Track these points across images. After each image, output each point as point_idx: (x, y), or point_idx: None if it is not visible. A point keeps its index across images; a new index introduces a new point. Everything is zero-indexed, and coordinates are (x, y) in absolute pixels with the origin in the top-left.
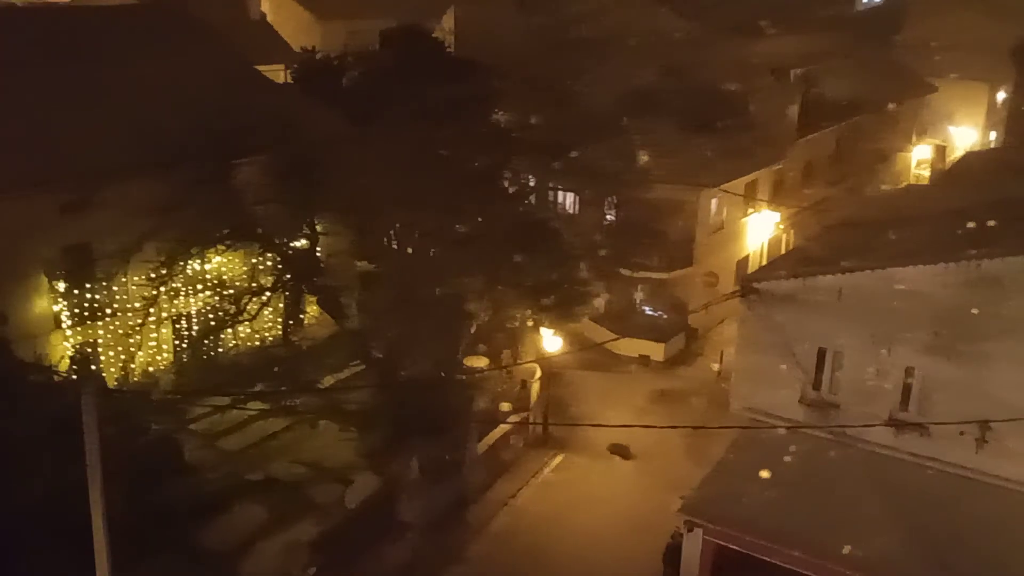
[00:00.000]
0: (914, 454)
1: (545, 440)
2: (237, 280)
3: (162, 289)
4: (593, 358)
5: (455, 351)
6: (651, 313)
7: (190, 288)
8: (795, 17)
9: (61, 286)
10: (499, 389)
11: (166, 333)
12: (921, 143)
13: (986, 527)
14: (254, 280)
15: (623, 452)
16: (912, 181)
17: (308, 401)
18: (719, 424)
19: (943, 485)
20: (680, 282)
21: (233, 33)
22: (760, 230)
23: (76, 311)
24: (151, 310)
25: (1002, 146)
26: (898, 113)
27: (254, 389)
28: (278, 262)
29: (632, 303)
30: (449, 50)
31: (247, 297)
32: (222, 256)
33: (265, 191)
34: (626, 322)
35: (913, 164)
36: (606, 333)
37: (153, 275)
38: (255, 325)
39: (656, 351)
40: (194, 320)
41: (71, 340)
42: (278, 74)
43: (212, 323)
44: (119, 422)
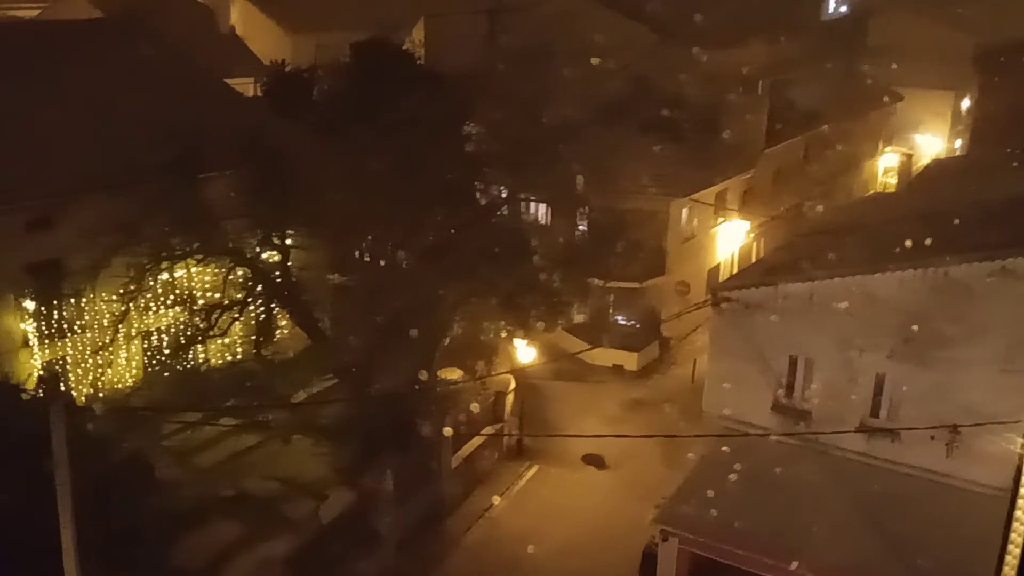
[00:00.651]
0: (886, 459)
1: (520, 451)
2: (208, 295)
3: (131, 305)
4: (567, 368)
5: (428, 363)
6: (624, 323)
7: (160, 303)
8: (762, 27)
9: (28, 303)
10: (473, 401)
11: (136, 349)
12: (888, 151)
13: (955, 530)
14: (225, 295)
15: (597, 462)
16: (880, 189)
17: (281, 416)
18: (692, 433)
19: (915, 490)
20: (653, 291)
21: (202, 47)
22: (731, 239)
23: (44, 328)
24: (120, 326)
25: (967, 153)
26: (865, 122)
27: (226, 405)
28: (249, 276)
29: (605, 313)
30: (419, 62)
31: (218, 312)
32: (192, 271)
33: (234, 205)
34: (599, 332)
35: (880, 172)
36: (580, 343)
37: (122, 291)
38: (227, 340)
39: (630, 360)
40: (164, 336)
41: (39, 357)
42: (248, 87)
43: (183, 339)
44: (88, 439)
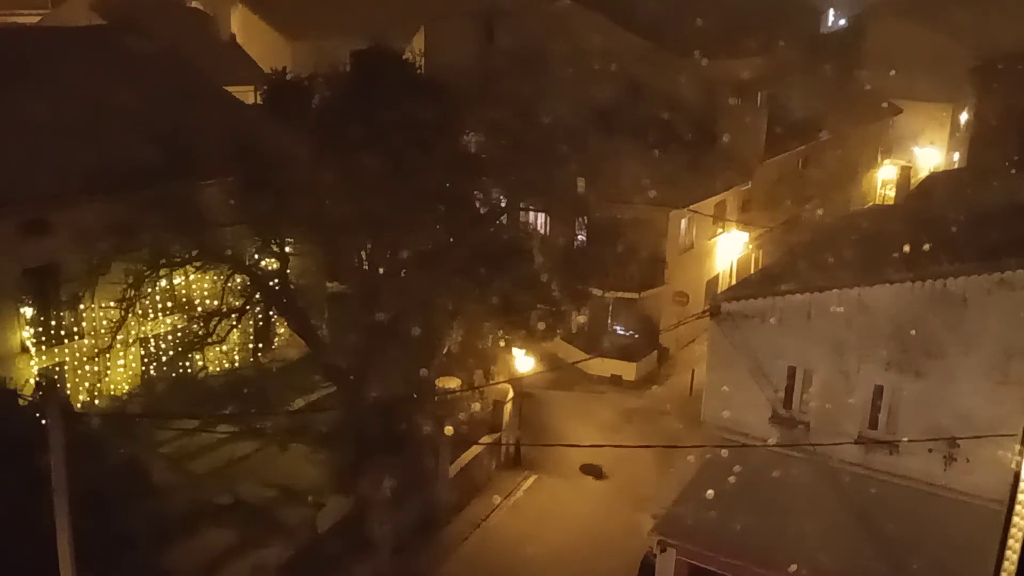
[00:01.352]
0: (884, 471)
1: (517, 461)
2: (207, 302)
3: (130, 311)
4: (565, 378)
5: (426, 371)
6: (623, 333)
7: (158, 310)
8: (761, 38)
9: (26, 308)
10: (471, 410)
11: (134, 355)
12: (887, 163)
13: (952, 540)
14: (224, 302)
15: (595, 471)
16: (878, 201)
17: (278, 423)
18: (691, 443)
19: (913, 501)
20: (651, 302)
21: (203, 53)
22: (729, 250)
23: (42, 334)
24: (118, 332)
25: (965, 167)
26: (864, 134)
27: (223, 411)
28: (248, 283)
29: (604, 323)
30: (419, 71)
31: (216, 319)
32: (191, 277)
33: (232, 212)
34: (598, 342)
35: (879, 184)
36: (578, 353)
37: (120, 297)
38: (225, 347)
39: (628, 370)
40: (163, 342)
41: (37, 363)
42: (248, 94)
43: (181, 345)
44: (84, 445)
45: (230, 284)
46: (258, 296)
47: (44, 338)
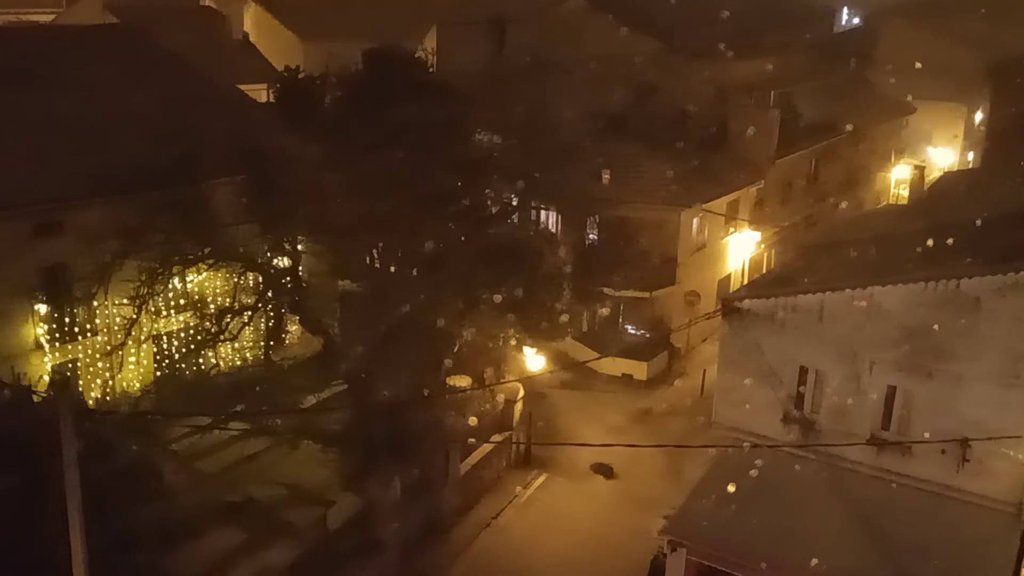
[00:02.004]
0: (895, 472)
1: (528, 460)
2: (218, 299)
3: (142, 309)
4: (576, 378)
5: (436, 371)
6: (634, 332)
7: (171, 308)
8: (774, 38)
9: (40, 307)
10: (481, 409)
11: (146, 353)
12: (900, 163)
13: (964, 545)
14: (235, 300)
15: (606, 471)
16: (892, 201)
17: (289, 422)
18: (701, 443)
19: (924, 503)
20: (662, 301)
21: (216, 53)
22: (741, 249)
23: (56, 330)
24: (131, 330)
25: (980, 167)
26: (877, 133)
27: (234, 409)
28: (260, 281)
29: (615, 322)
30: (431, 71)
31: (228, 317)
32: (203, 275)
33: (245, 210)
34: (609, 341)
35: (892, 184)
36: (589, 352)
37: (134, 295)
38: (236, 345)
39: (639, 370)
40: (175, 340)
41: (50, 360)
42: (261, 93)
43: (193, 343)
44: (95, 443)
45: (242, 282)
46: (270, 294)
47: (58, 335)
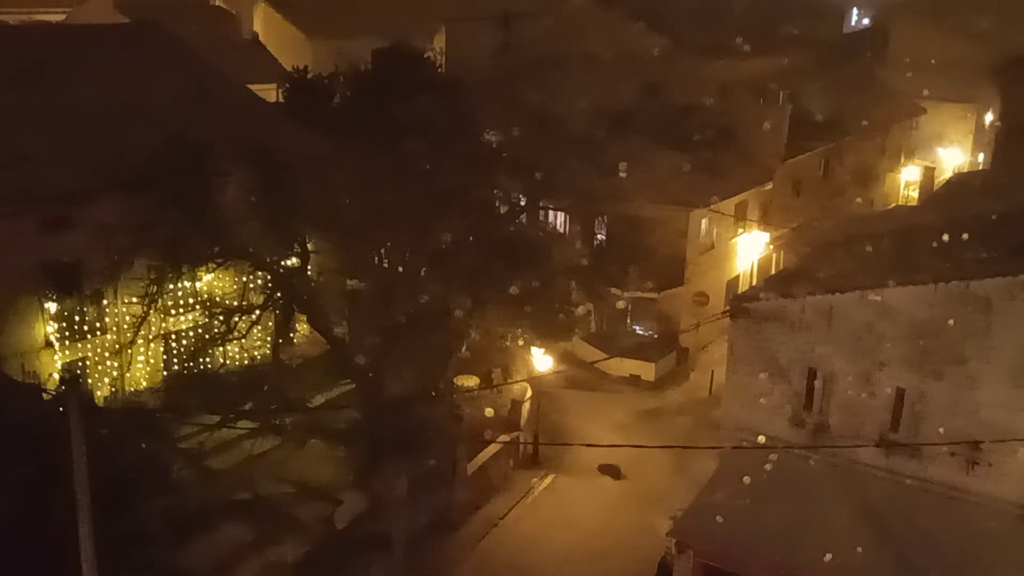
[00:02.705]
0: (905, 474)
1: (535, 460)
2: (227, 298)
3: (151, 307)
4: (584, 377)
5: (444, 370)
6: (642, 332)
7: (180, 306)
8: (783, 38)
9: (50, 304)
10: (489, 408)
11: (155, 351)
12: (910, 164)
13: (974, 547)
14: (244, 298)
15: (613, 472)
16: (901, 202)
17: (296, 420)
18: (709, 444)
19: (934, 505)
20: (671, 301)
21: (225, 52)
22: (750, 250)
23: (66, 328)
24: (140, 328)
25: (990, 168)
26: (887, 134)
27: (243, 408)
28: (268, 280)
29: (623, 322)
30: (440, 70)
31: (237, 315)
32: (212, 274)
33: (253, 209)
34: (617, 341)
35: (902, 185)
36: (597, 352)
37: (143, 293)
38: (245, 343)
39: (647, 371)
40: (184, 338)
41: (60, 357)
42: (270, 92)
43: (202, 341)
44: (106, 439)
45: (251, 281)
46: (279, 293)
47: (68, 333)
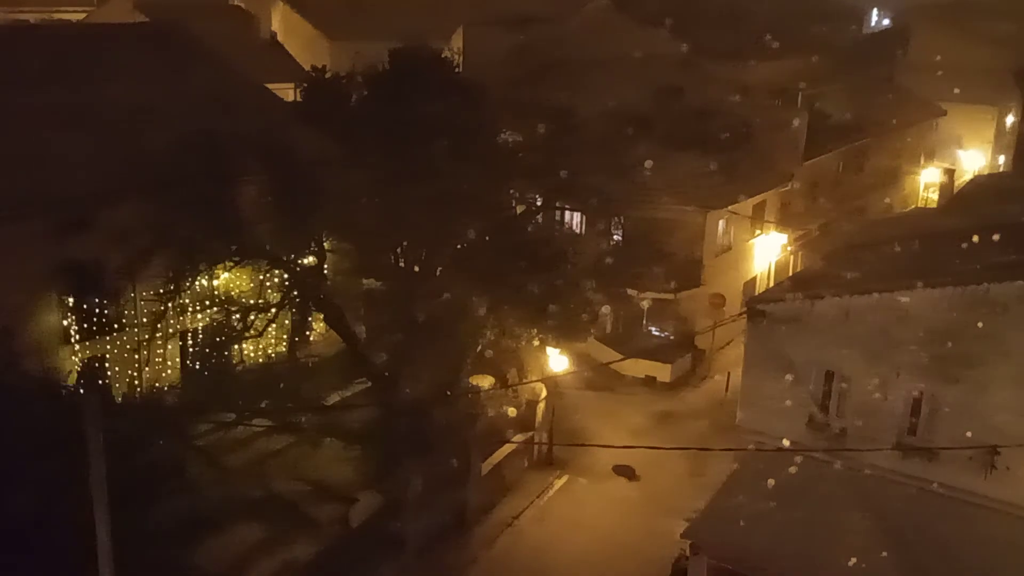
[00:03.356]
0: (922, 479)
1: (550, 460)
2: (244, 297)
3: (170, 305)
4: (599, 379)
5: (459, 369)
6: (657, 334)
7: (198, 304)
8: (802, 39)
9: (69, 301)
10: (512, 408)
11: (173, 348)
12: (930, 166)
13: (992, 552)
14: (261, 297)
15: (628, 473)
16: (921, 204)
17: (312, 419)
18: (724, 446)
19: (951, 510)
20: (687, 303)
21: (244, 52)
22: (767, 251)
23: (84, 325)
24: (158, 325)
25: (1011, 170)
26: (906, 136)
27: (259, 406)
28: (285, 279)
29: (639, 323)
30: (458, 71)
31: (254, 314)
32: (230, 273)
33: (271, 209)
34: (632, 342)
35: (922, 187)
36: (612, 353)
37: (161, 291)
38: (261, 342)
39: (662, 372)
40: (201, 336)
41: (78, 355)
42: (288, 92)
43: (219, 339)
44: (123, 437)
45: (268, 280)
46: (295, 292)
47: (86, 330)
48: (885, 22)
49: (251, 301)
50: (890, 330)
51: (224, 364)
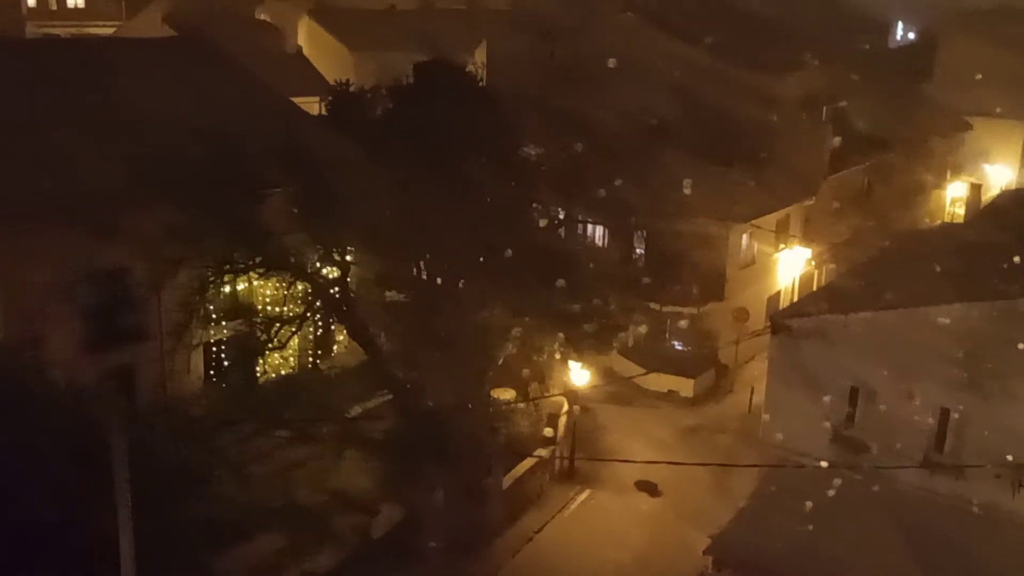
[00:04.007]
0: (948, 495)
1: (572, 474)
2: (269, 308)
3: (194, 315)
4: (621, 392)
5: (481, 382)
6: (680, 348)
7: (222, 315)
8: (828, 52)
9: (94, 310)
10: (526, 422)
11: (197, 359)
12: (956, 180)
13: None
14: (285, 308)
15: (650, 488)
16: (947, 219)
17: (334, 430)
18: (748, 462)
19: (977, 528)
20: (710, 317)
21: (270, 65)
22: (791, 266)
23: (109, 335)
24: (183, 336)
25: None
26: (932, 150)
27: (282, 417)
28: (309, 291)
29: (661, 337)
30: (481, 83)
31: (278, 325)
32: (254, 284)
33: (295, 220)
34: (655, 356)
35: (948, 202)
36: (635, 367)
37: (186, 301)
38: (285, 353)
39: (685, 386)
40: (225, 347)
41: (104, 364)
42: (313, 106)
43: (243, 350)
44: (146, 448)
45: (292, 291)
46: (318, 304)
47: (111, 339)
48: (911, 35)
49: (275, 312)
50: (916, 345)
51: (247, 375)
